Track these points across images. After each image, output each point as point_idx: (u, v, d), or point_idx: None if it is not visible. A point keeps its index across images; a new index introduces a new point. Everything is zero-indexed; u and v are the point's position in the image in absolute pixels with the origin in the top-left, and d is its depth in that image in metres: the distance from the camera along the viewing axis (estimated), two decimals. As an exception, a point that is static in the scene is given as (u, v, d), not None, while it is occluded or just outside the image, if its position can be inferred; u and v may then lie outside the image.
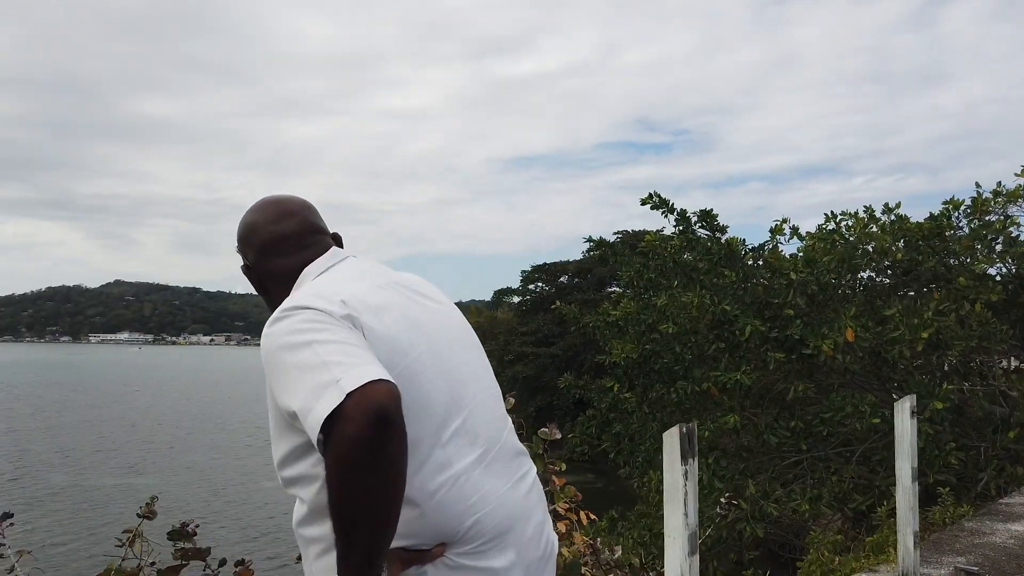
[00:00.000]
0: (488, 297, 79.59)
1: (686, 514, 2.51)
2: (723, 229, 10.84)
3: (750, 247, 10.89)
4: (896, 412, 4.07)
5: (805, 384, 8.58)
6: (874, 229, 10.11)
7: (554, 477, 3.58)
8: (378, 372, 1.08)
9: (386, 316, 1.27)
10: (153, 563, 2.95)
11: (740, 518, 8.11)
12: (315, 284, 1.33)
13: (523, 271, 55.37)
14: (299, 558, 3.18)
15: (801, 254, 10.32)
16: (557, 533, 3.70)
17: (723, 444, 9.12)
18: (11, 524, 3.13)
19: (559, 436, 3.56)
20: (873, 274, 10.47)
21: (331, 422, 1.03)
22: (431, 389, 1.25)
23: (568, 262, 54.02)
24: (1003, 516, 5.80)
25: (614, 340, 11.16)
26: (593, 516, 3.70)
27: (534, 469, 1.44)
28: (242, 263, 1.52)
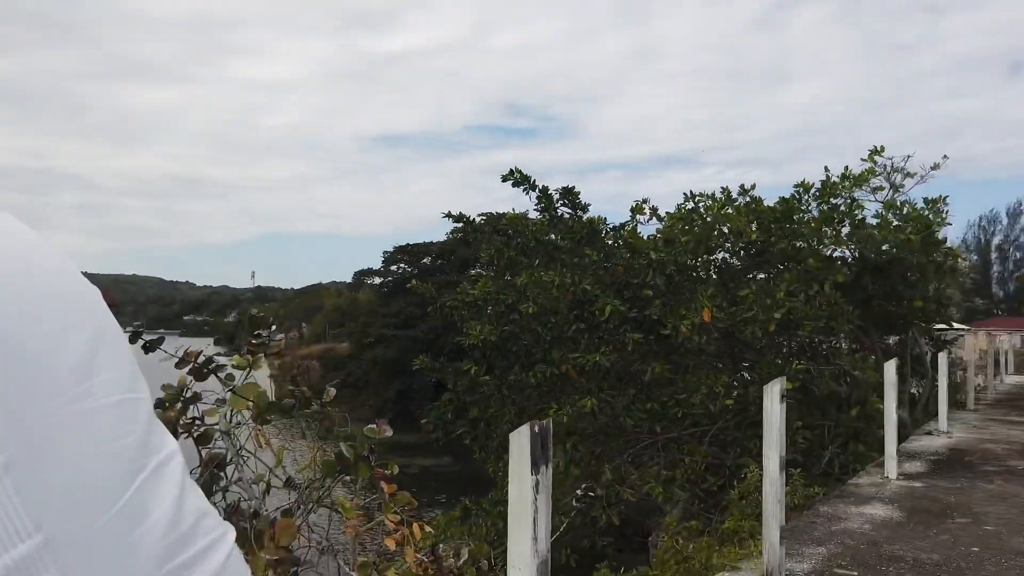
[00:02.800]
0: (349, 279, 77.34)
1: (535, 537, 1.98)
2: (585, 207, 10.59)
3: (611, 226, 10.71)
4: (765, 396, 3.78)
5: (662, 365, 8.45)
6: (730, 211, 10.19)
7: (383, 484, 2.96)
8: None
9: None
10: None
11: (595, 504, 7.86)
12: None
13: (385, 252, 54.20)
14: None
15: (660, 235, 10.25)
16: (386, 551, 3.08)
17: (581, 428, 8.86)
18: None
19: (389, 433, 2.94)
20: (728, 255, 10.58)
21: None
22: None
23: (431, 243, 53.36)
24: (854, 499, 5.82)
25: (472, 321, 10.67)
26: (429, 528, 3.12)
27: None
28: None
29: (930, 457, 7.56)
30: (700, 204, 10.23)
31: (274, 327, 3.38)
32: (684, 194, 10.54)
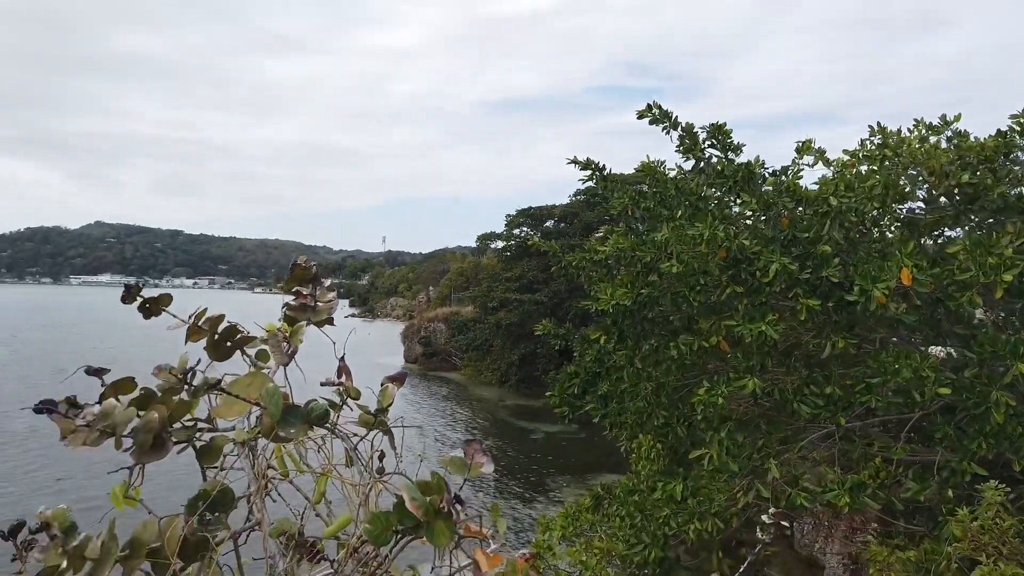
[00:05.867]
0: (473, 243, 77.40)
1: None
2: (738, 148, 8.87)
3: (770, 171, 8.94)
4: None
5: (845, 339, 6.74)
6: (927, 146, 8.18)
7: (480, 555, 1.68)
8: None
9: None
10: None
11: (760, 510, 6.36)
12: None
13: (507, 215, 53.49)
14: None
15: (837, 180, 8.39)
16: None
17: (738, 414, 7.32)
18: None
19: (489, 469, 1.66)
20: (922, 204, 8.56)
21: None
22: None
23: (554, 206, 52.18)
24: None
25: (602, 283, 9.29)
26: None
27: None
28: None
29: None
30: (891, 140, 8.27)
31: (328, 282, 2.12)
32: (870, 126, 8.60)
